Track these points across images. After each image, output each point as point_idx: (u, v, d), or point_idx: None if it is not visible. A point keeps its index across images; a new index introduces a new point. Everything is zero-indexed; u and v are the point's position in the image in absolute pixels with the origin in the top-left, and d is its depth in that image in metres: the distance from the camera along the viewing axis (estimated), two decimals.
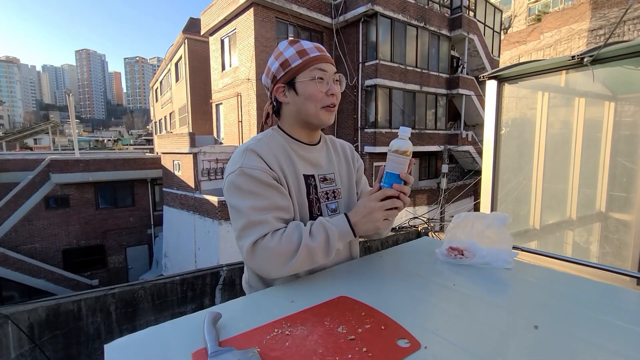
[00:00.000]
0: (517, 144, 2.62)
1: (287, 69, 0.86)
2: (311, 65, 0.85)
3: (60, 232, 12.90)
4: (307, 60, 0.85)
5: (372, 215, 0.80)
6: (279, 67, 0.87)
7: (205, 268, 2.14)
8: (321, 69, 0.86)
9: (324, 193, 0.93)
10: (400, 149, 0.81)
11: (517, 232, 2.59)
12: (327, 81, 0.87)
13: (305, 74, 0.85)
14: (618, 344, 0.56)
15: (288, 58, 0.86)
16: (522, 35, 17.20)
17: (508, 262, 0.89)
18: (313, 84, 0.85)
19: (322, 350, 0.54)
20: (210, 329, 0.57)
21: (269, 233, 0.78)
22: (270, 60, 0.90)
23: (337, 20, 12.03)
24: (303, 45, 0.87)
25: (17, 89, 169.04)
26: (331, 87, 0.87)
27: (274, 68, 0.88)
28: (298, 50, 0.86)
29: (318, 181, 0.93)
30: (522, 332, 0.60)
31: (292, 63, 0.86)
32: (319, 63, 0.86)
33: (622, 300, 0.75)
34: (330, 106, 0.88)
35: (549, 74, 2.21)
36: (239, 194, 0.81)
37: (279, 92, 0.89)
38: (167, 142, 12.76)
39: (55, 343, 1.62)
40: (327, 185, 0.95)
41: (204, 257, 10.14)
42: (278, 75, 0.88)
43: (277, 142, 0.90)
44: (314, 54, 0.86)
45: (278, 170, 0.85)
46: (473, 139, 15.00)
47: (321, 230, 0.79)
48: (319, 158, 0.95)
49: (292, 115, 0.91)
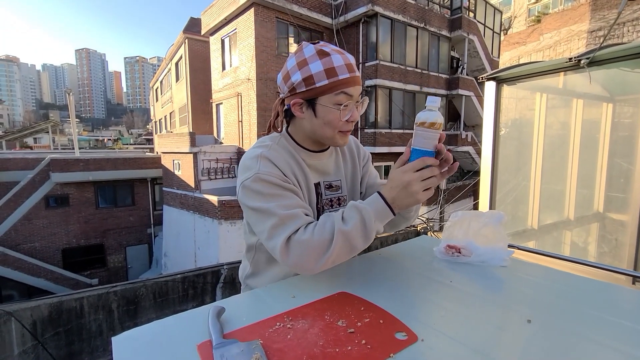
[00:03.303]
0: (515, 144, 2.64)
1: (311, 87, 0.77)
2: (337, 89, 0.76)
3: (60, 231, 12.90)
4: (335, 83, 0.76)
5: (410, 188, 0.71)
6: (302, 81, 0.77)
7: (206, 266, 2.16)
8: (347, 93, 0.78)
9: (329, 200, 0.92)
10: (427, 120, 0.70)
11: (516, 232, 2.62)
12: (350, 107, 0.80)
13: (329, 98, 0.77)
14: (610, 339, 0.58)
15: (314, 75, 0.76)
16: (521, 36, 17.22)
17: (504, 260, 0.91)
18: (335, 111, 0.78)
19: (323, 343, 0.56)
20: (214, 322, 0.59)
21: (301, 227, 0.74)
22: (291, 65, 0.79)
23: (337, 20, 12.05)
24: (333, 62, 0.76)
25: (17, 88, 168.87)
26: (353, 114, 0.81)
27: (295, 79, 0.78)
28: (326, 68, 0.76)
29: (323, 188, 0.92)
30: (515, 327, 0.62)
31: (317, 82, 0.76)
32: (346, 87, 0.77)
33: (617, 298, 0.76)
34: (347, 131, 0.84)
35: (547, 75, 2.23)
36: (261, 197, 0.77)
37: (295, 106, 0.82)
38: (167, 141, 12.77)
39: (58, 340, 1.64)
40: (332, 193, 0.93)
41: (203, 257, 10.16)
42: (298, 89, 0.79)
43: (287, 150, 0.86)
44: (343, 76, 0.76)
45: (293, 179, 0.82)
46: (473, 139, 15.02)
47: (354, 213, 0.73)
48: (327, 165, 0.93)
49: (305, 131, 0.86)
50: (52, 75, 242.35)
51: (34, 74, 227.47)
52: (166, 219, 12.90)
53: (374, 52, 11.82)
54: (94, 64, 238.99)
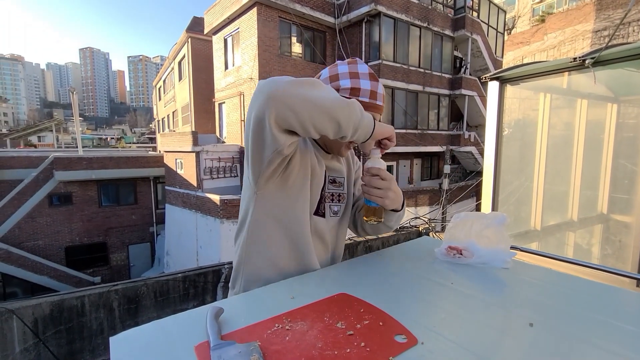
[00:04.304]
0: (519, 145, 2.62)
1: (354, 96, 0.86)
2: (371, 111, 0.86)
3: (63, 229, 12.98)
4: (373, 105, 0.87)
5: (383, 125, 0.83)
6: (349, 89, 0.86)
7: (207, 266, 2.16)
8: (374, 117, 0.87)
9: (330, 194, 0.97)
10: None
11: (518, 233, 2.60)
12: None
13: None
14: (614, 343, 0.57)
15: (362, 89, 0.86)
16: (525, 36, 17.12)
17: (506, 261, 0.90)
18: None
19: (322, 345, 0.55)
20: (212, 323, 0.58)
21: None
22: (343, 71, 0.88)
23: (340, 20, 12.04)
24: (378, 89, 0.88)
25: (22, 87, 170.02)
26: None
27: (344, 84, 0.86)
28: (372, 90, 0.87)
29: (327, 182, 0.96)
30: (517, 330, 0.61)
31: (361, 96, 0.86)
32: (377, 112, 0.89)
33: (620, 301, 0.75)
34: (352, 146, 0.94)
35: (551, 75, 2.21)
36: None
37: None
38: (170, 140, 12.81)
39: (59, 338, 1.64)
40: (334, 188, 0.98)
41: (205, 256, 10.19)
42: (343, 93, 0.86)
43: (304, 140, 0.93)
44: (380, 103, 0.89)
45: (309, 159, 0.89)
46: (475, 139, 14.97)
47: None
48: (332, 163, 0.99)
49: None
50: (56, 74, 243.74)
51: (38, 73, 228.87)
52: (168, 218, 12.95)
53: (377, 52, 11.80)
54: (98, 63, 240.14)
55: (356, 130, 0.75)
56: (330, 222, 0.97)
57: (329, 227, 0.96)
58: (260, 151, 0.75)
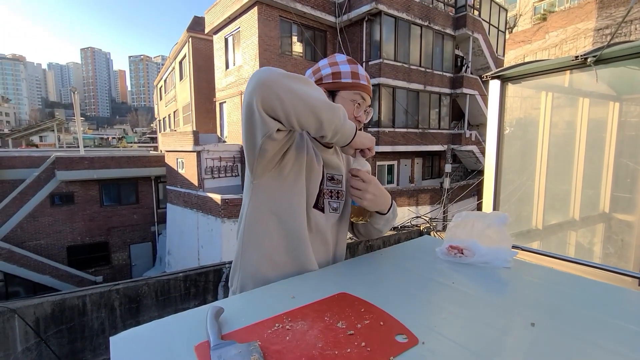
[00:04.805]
0: (520, 144, 2.61)
1: (337, 80, 0.93)
2: (356, 89, 0.93)
3: (65, 228, 13.01)
4: (356, 84, 0.93)
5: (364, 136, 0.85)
6: (331, 74, 0.94)
7: (208, 265, 2.16)
8: (362, 97, 0.95)
9: (329, 191, 0.97)
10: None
11: (520, 233, 2.59)
12: (362, 108, 0.96)
13: (348, 93, 0.93)
14: (616, 343, 0.57)
15: (342, 72, 0.93)
16: (527, 34, 17.06)
17: (507, 261, 0.90)
18: (350, 105, 0.93)
19: (322, 345, 0.55)
20: (212, 323, 0.58)
21: None
22: (323, 64, 0.97)
23: (340, 19, 12.02)
24: (358, 70, 0.95)
25: (23, 87, 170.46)
26: (361, 115, 0.96)
27: (325, 72, 0.95)
28: (352, 71, 0.94)
29: (326, 179, 0.97)
30: (519, 330, 0.61)
31: (342, 78, 0.93)
32: (363, 91, 0.94)
33: (622, 300, 0.75)
34: None
35: (553, 73, 2.20)
36: None
37: None
38: (171, 140, 12.82)
39: (61, 337, 1.65)
40: (333, 185, 0.99)
41: (207, 255, 10.20)
42: (325, 80, 0.94)
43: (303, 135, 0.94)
44: (364, 82, 0.95)
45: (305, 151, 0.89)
46: (477, 138, 14.93)
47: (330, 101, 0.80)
48: (331, 159, 0.99)
49: None
50: (57, 74, 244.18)
51: (39, 73, 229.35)
52: (170, 217, 12.97)
53: (378, 51, 11.78)
54: (99, 62, 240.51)
55: (336, 133, 0.78)
56: (330, 219, 0.96)
57: (329, 224, 0.96)
58: (252, 136, 0.77)
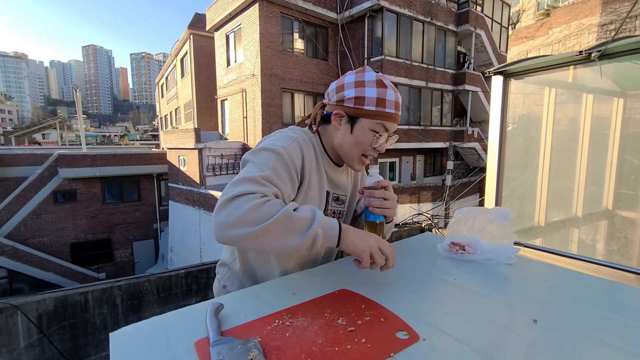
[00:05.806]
0: (523, 140, 2.59)
1: (359, 106, 0.84)
2: (379, 119, 0.84)
3: (68, 226, 13.09)
4: (380, 113, 0.84)
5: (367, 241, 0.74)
6: (354, 98, 0.85)
7: (210, 262, 2.16)
8: (385, 126, 0.86)
9: (332, 212, 0.97)
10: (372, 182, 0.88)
11: (522, 229, 2.58)
12: (383, 139, 0.88)
13: (369, 122, 0.85)
14: (619, 340, 0.56)
15: (366, 97, 0.84)
16: (530, 30, 16.91)
17: (509, 257, 0.89)
18: (369, 136, 0.85)
19: (322, 341, 0.55)
20: (212, 319, 0.58)
21: (262, 195, 0.72)
22: (349, 81, 0.86)
23: (342, 15, 11.95)
24: (386, 95, 0.84)
25: (26, 85, 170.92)
26: (382, 145, 0.88)
27: (348, 94, 0.85)
28: (379, 97, 0.83)
29: (331, 199, 0.96)
30: (521, 327, 0.61)
31: (365, 105, 0.84)
32: (387, 121, 0.85)
33: (625, 297, 0.74)
34: (367, 157, 0.90)
35: (556, 69, 2.18)
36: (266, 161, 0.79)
37: (336, 116, 0.89)
38: (173, 137, 12.84)
39: (63, 333, 1.65)
40: (336, 206, 0.98)
41: (208, 252, 10.24)
42: (347, 103, 0.86)
43: (315, 150, 0.91)
44: (389, 111, 0.85)
45: (307, 175, 0.86)
46: (479, 135, 14.87)
47: (308, 209, 0.73)
48: (340, 179, 0.98)
49: (333, 141, 0.92)
50: (59, 72, 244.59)
51: (41, 71, 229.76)
52: (172, 214, 13.01)
53: (379, 48, 11.71)
54: (101, 60, 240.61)
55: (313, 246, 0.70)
56: None
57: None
58: None
